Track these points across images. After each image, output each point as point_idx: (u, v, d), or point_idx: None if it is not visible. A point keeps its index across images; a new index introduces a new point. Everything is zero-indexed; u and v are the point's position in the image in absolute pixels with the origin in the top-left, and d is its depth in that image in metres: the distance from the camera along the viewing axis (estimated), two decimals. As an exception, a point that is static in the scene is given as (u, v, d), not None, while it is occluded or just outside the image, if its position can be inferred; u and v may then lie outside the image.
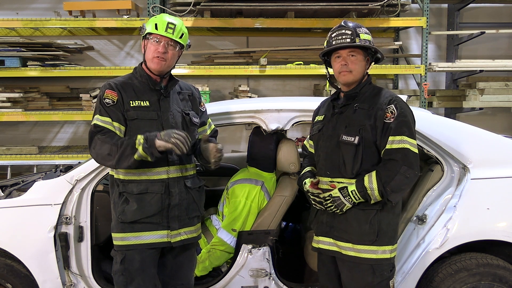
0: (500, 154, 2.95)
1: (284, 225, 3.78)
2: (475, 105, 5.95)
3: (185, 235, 2.62)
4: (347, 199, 2.43)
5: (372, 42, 2.51)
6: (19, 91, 5.63)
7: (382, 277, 2.47)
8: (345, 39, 2.48)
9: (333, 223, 2.53)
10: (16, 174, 5.52)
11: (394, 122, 2.41)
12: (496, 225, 2.82)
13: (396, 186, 2.38)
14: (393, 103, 2.46)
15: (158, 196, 2.53)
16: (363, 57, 2.51)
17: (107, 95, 2.51)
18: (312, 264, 3.12)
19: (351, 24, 2.51)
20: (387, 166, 2.40)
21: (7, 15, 6.18)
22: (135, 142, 2.39)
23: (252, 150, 3.23)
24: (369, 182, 2.41)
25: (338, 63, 2.51)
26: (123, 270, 2.54)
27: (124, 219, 2.52)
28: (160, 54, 2.52)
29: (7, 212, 2.92)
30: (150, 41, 2.54)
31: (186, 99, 2.72)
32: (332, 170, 2.52)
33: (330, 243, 2.55)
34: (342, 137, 2.48)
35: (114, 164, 2.45)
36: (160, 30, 2.52)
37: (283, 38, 6.40)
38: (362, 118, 2.47)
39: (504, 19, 6.68)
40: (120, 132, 2.50)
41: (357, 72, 2.51)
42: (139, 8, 5.93)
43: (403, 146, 2.39)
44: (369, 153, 2.46)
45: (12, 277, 2.91)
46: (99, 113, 2.50)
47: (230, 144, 6.61)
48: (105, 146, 2.43)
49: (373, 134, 2.45)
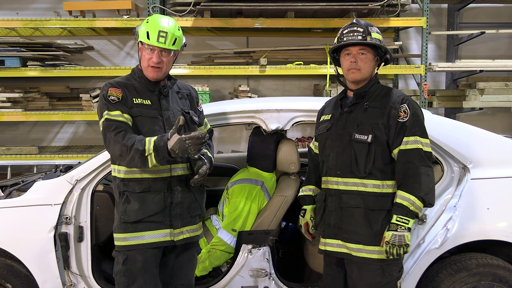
0: (500, 154, 2.95)
1: (284, 225, 3.78)
2: (475, 105, 5.95)
3: (187, 234, 2.62)
4: (400, 231, 2.36)
5: (383, 43, 2.51)
6: (19, 91, 5.64)
7: (391, 278, 2.47)
8: (357, 36, 2.47)
9: (341, 225, 2.51)
10: (16, 174, 5.52)
11: (407, 121, 2.43)
12: (496, 225, 2.82)
13: (425, 187, 2.38)
14: (406, 102, 2.47)
15: (161, 195, 2.53)
16: (373, 56, 2.51)
17: (111, 93, 2.50)
18: (312, 264, 3.12)
19: (363, 22, 2.51)
20: (408, 174, 2.39)
21: (7, 15, 6.18)
22: (144, 150, 2.37)
23: (252, 150, 3.23)
24: (402, 198, 2.38)
25: (348, 60, 2.51)
26: (125, 270, 2.53)
27: (127, 219, 2.51)
28: (154, 64, 2.50)
29: (7, 212, 2.92)
30: (144, 48, 2.52)
31: (185, 97, 2.73)
32: (343, 169, 2.51)
33: (338, 245, 2.53)
34: (354, 136, 2.48)
35: (126, 165, 2.46)
36: (152, 40, 2.47)
37: (283, 38, 6.40)
38: (374, 116, 2.47)
39: (504, 19, 6.68)
40: (130, 122, 2.48)
41: (366, 70, 2.50)
42: (139, 8, 5.93)
43: (416, 147, 2.40)
44: (381, 151, 2.46)
45: (12, 277, 2.91)
46: (107, 109, 2.48)
47: (230, 144, 6.62)
48: (116, 146, 2.42)
49: (386, 132, 2.45)
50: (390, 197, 2.45)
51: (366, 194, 2.46)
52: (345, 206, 2.50)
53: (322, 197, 2.61)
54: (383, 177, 2.46)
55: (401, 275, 2.53)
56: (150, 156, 2.37)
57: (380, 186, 2.45)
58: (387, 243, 2.37)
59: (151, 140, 2.39)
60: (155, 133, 2.50)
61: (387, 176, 2.47)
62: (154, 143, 2.37)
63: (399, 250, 2.35)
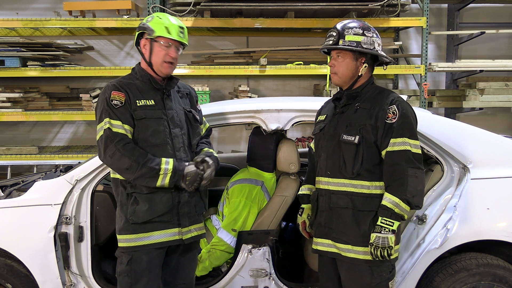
0: (500, 154, 2.95)
1: (284, 225, 3.78)
2: (475, 105, 5.95)
3: (195, 232, 2.64)
4: (384, 233, 2.36)
5: (369, 43, 2.45)
6: (19, 91, 5.64)
7: (381, 278, 2.46)
8: (329, 41, 2.50)
9: (331, 224, 2.52)
10: (16, 174, 5.52)
11: (395, 123, 2.40)
12: (496, 225, 2.82)
13: (412, 189, 2.36)
14: (395, 103, 2.44)
15: (169, 194, 2.53)
16: (352, 58, 2.48)
17: (114, 97, 2.47)
18: (312, 264, 3.12)
19: (341, 25, 2.49)
20: (395, 176, 2.38)
21: (7, 15, 6.18)
22: (160, 169, 2.43)
23: (252, 150, 3.23)
24: (388, 201, 2.37)
25: (330, 64, 2.54)
26: (129, 271, 2.52)
27: (136, 220, 2.50)
28: (172, 60, 2.53)
29: (7, 212, 2.92)
30: (159, 44, 2.51)
31: (185, 96, 2.75)
32: (333, 170, 2.52)
33: (329, 244, 2.54)
34: (342, 137, 2.48)
35: (130, 179, 2.47)
36: (174, 34, 2.51)
37: (283, 38, 6.40)
38: (363, 117, 2.46)
39: (504, 19, 6.68)
40: (130, 134, 2.48)
41: (342, 74, 2.50)
42: (139, 8, 5.93)
43: (404, 148, 2.38)
44: (369, 152, 2.45)
45: (12, 277, 2.91)
46: (109, 116, 2.45)
47: (230, 144, 6.62)
48: (124, 160, 2.41)
49: (374, 134, 2.44)
50: (378, 198, 2.44)
51: (355, 194, 2.45)
52: (334, 206, 2.50)
53: (314, 197, 2.63)
54: (372, 178, 2.45)
55: (393, 276, 2.52)
56: (164, 176, 2.44)
57: (368, 187, 2.45)
58: (371, 244, 2.38)
59: (170, 161, 2.46)
60: (160, 133, 2.52)
61: (376, 177, 2.46)
62: (174, 165, 2.45)
63: (383, 252, 2.35)
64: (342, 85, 2.55)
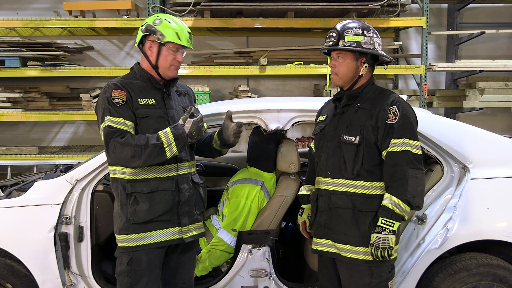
0: (500, 154, 2.95)
1: (284, 225, 3.78)
2: (475, 105, 5.95)
3: (195, 231, 2.64)
4: (384, 233, 2.36)
5: (369, 43, 2.45)
6: (19, 91, 5.64)
7: (380, 278, 2.46)
8: (329, 42, 2.50)
9: (331, 225, 2.52)
10: (16, 174, 5.52)
11: (396, 123, 2.40)
12: (496, 225, 2.82)
13: (413, 190, 2.36)
14: (396, 104, 2.44)
15: (169, 194, 2.53)
16: (352, 59, 2.48)
17: (115, 95, 2.47)
18: (312, 264, 3.12)
19: (340, 26, 2.50)
20: (395, 176, 2.38)
21: (7, 15, 6.18)
22: (163, 142, 2.42)
23: (252, 150, 3.23)
24: (388, 201, 2.37)
25: (330, 64, 2.54)
26: (129, 271, 2.52)
27: (137, 220, 2.50)
28: (179, 64, 2.57)
29: (7, 212, 2.92)
30: (167, 49, 2.52)
31: (184, 96, 2.77)
32: (333, 170, 2.52)
33: (329, 245, 2.54)
34: (343, 137, 2.48)
35: (140, 165, 2.44)
36: (183, 40, 2.54)
37: (283, 38, 6.40)
38: (363, 118, 2.46)
39: (504, 19, 6.68)
40: (132, 131, 2.48)
41: (343, 74, 2.50)
42: (139, 8, 5.93)
43: (405, 149, 2.38)
44: (370, 153, 2.45)
45: (12, 277, 2.91)
46: (110, 114, 2.44)
47: (230, 144, 6.61)
48: (126, 149, 2.40)
49: (374, 134, 2.44)
50: (378, 198, 2.44)
51: (355, 195, 2.46)
52: (333, 207, 2.50)
53: (314, 197, 2.63)
54: (372, 178, 2.45)
55: (392, 276, 2.52)
56: (170, 147, 2.43)
57: (368, 187, 2.45)
58: (371, 245, 2.38)
59: (166, 131, 2.45)
60: None
61: (376, 177, 2.46)
62: (172, 133, 2.44)
63: (383, 253, 2.36)
64: (343, 86, 2.55)
